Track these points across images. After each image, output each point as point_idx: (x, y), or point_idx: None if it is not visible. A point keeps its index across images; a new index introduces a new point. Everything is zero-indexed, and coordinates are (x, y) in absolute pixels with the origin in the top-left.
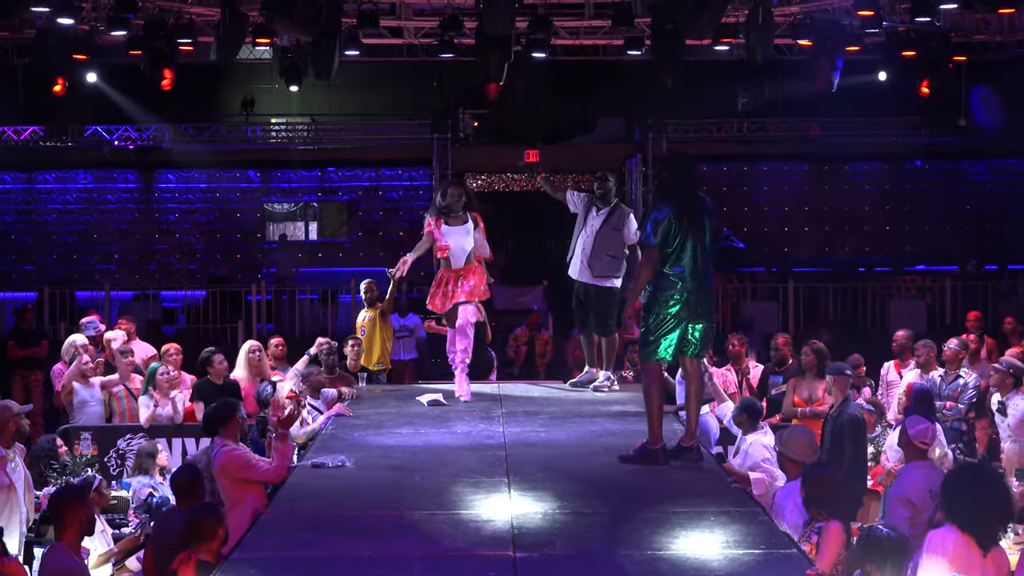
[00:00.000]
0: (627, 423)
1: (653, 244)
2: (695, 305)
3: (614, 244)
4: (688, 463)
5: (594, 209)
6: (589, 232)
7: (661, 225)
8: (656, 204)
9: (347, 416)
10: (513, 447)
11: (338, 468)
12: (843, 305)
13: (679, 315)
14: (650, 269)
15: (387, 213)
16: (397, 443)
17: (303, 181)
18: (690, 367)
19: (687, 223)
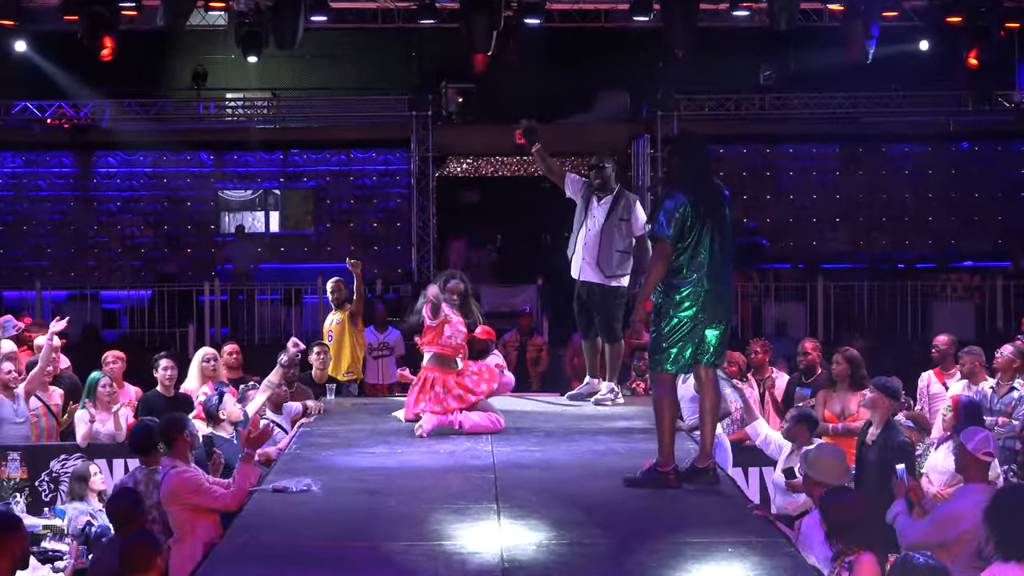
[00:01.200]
0: (634, 441)
1: (668, 236)
2: (712, 306)
3: (623, 238)
4: (703, 486)
5: (595, 199)
6: (593, 226)
7: (675, 215)
8: (668, 192)
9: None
10: (503, 469)
11: (303, 493)
12: (879, 307)
13: (695, 318)
14: (664, 265)
15: (359, 201)
16: (370, 464)
17: (263, 165)
18: (705, 377)
19: (703, 213)
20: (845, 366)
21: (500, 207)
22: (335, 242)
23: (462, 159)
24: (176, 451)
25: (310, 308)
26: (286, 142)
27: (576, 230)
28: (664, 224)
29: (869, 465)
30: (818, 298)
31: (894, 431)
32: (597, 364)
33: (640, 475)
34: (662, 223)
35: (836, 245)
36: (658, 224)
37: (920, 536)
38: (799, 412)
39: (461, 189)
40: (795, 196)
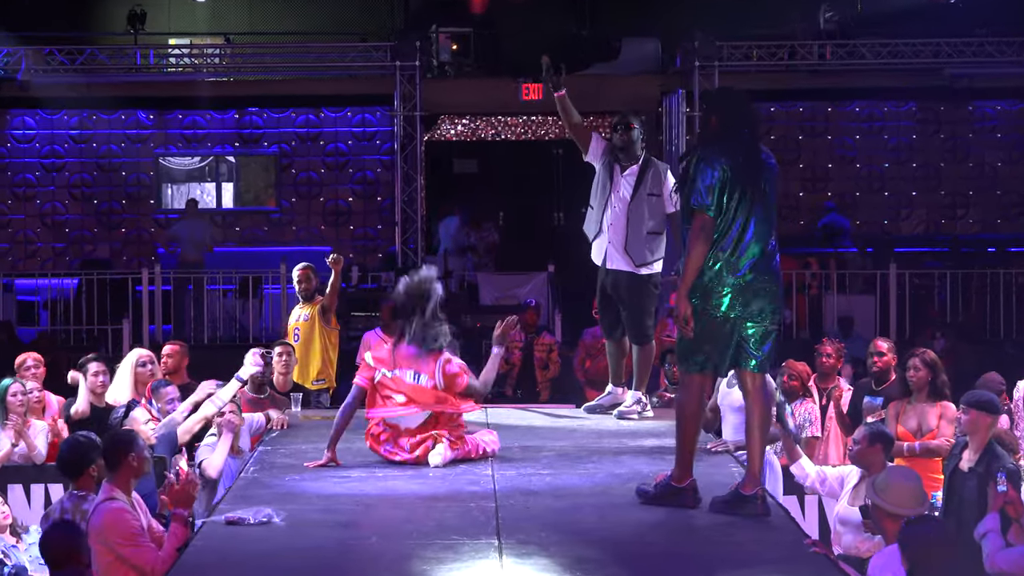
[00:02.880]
0: (664, 463)
1: (709, 206)
2: (753, 297)
3: (654, 215)
4: (749, 518)
5: (618, 168)
6: (620, 200)
7: (715, 182)
8: (705, 154)
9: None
10: (507, 497)
11: (262, 526)
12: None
13: (731, 310)
14: (707, 241)
15: (330, 171)
16: (345, 491)
17: (213, 126)
18: (752, 385)
19: (745, 184)
20: (924, 372)
21: (503, 178)
22: (302, 220)
23: (456, 119)
24: (118, 478)
25: (271, 301)
26: (242, 98)
27: (599, 206)
28: (703, 192)
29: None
30: (890, 289)
31: (996, 458)
32: (623, 370)
33: (653, 488)
34: (700, 191)
35: (912, 224)
36: (696, 193)
37: (1013, 566)
38: (872, 430)
39: (455, 156)
40: (862, 165)
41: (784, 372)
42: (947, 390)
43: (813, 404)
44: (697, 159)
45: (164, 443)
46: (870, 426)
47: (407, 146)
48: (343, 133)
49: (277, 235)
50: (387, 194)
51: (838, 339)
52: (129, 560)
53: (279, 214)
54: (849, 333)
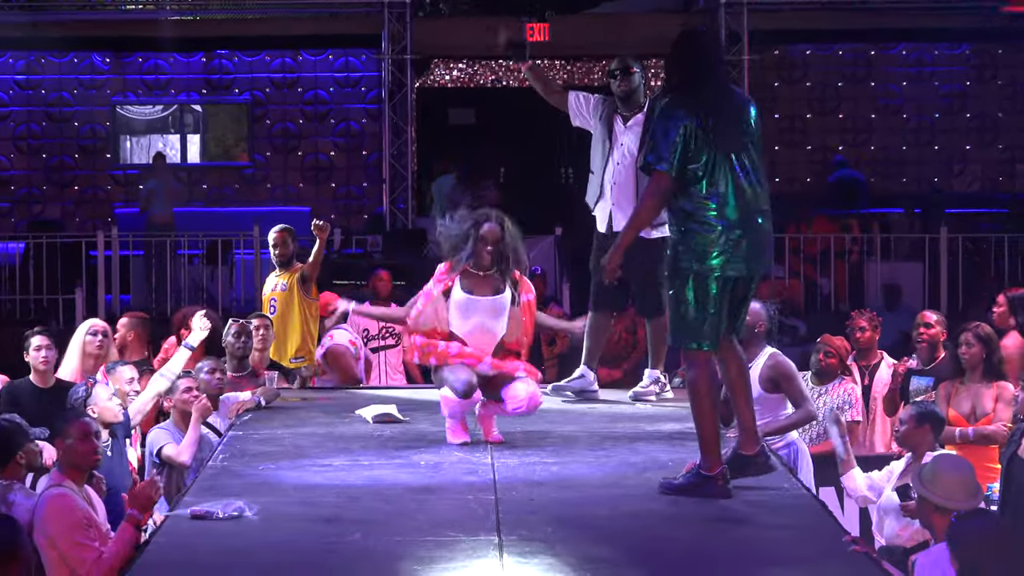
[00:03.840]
0: (685, 450)
1: (666, 166)
2: (747, 255)
3: None
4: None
5: (619, 120)
6: (623, 157)
7: (675, 138)
8: (668, 111)
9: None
10: (508, 488)
11: (233, 520)
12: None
13: (724, 269)
14: (658, 203)
15: (310, 122)
16: (326, 482)
17: (178, 71)
18: (727, 348)
19: (717, 132)
20: (978, 348)
21: (504, 130)
22: (277, 177)
23: (452, 63)
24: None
25: (243, 268)
26: (210, 40)
27: (600, 167)
28: (663, 150)
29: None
30: (941, 255)
31: None
32: (599, 349)
33: (680, 480)
34: (660, 149)
35: (966, 182)
36: (655, 151)
37: None
38: (920, 409)
39: (450, 105)
40: (909, 115)
41: (820, 349)
42: (1005, 369)
43: (853, 384)
44: (659, 114)
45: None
46: (918, 404)
47: (396, 93)
48: (324, 79)
49: (249, 194)
50: (373, 148)
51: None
52: (65, 557)
53: (252, 170)
54: (895, 304)
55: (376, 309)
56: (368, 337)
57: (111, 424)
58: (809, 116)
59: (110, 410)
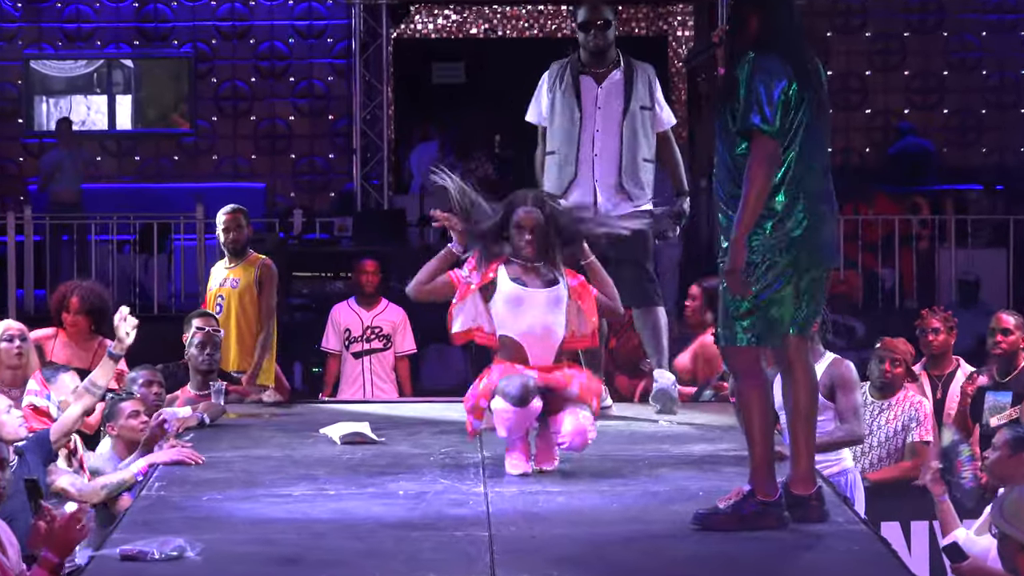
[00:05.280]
0: (720, 477)
1: (775, 129)
2: (818, 241)
3: (648, 136)
4: (812, 532)
5: (588, 81)
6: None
7: (779, 97)
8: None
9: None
10: (504, 523)
11: (171, 562)
12: None
13: (798, 262)
14: (771, 176)
15: (264, 79)
16: (285, 515)
17: (104, 18)
18: (795, 352)
19: (807, 99)
20: None
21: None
22: (225, 146)
23: (436, 9)
24: None
25: (184, 256)
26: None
27: (571, 143)
28: (767, 111)
29: None
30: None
31: None
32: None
33: (724, 510)
34: (764, 109)
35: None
36: (758, 111)
37: None
38: (1017, 434)
39: (435, 60)
40: (989, 71)
41: (883, 356)
42: None
43: (922, 397)
44: (753, 67)
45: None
46: (1015, 428)
47: (369, 46)
48: (281, 28)
49: (191, 167)
50: (341, 112)
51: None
52: None
53: (194, 138)
54: (972, 301)
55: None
56: (350, 339)
57: (12, 442)
58: (869, 73)
59: (10, 426)
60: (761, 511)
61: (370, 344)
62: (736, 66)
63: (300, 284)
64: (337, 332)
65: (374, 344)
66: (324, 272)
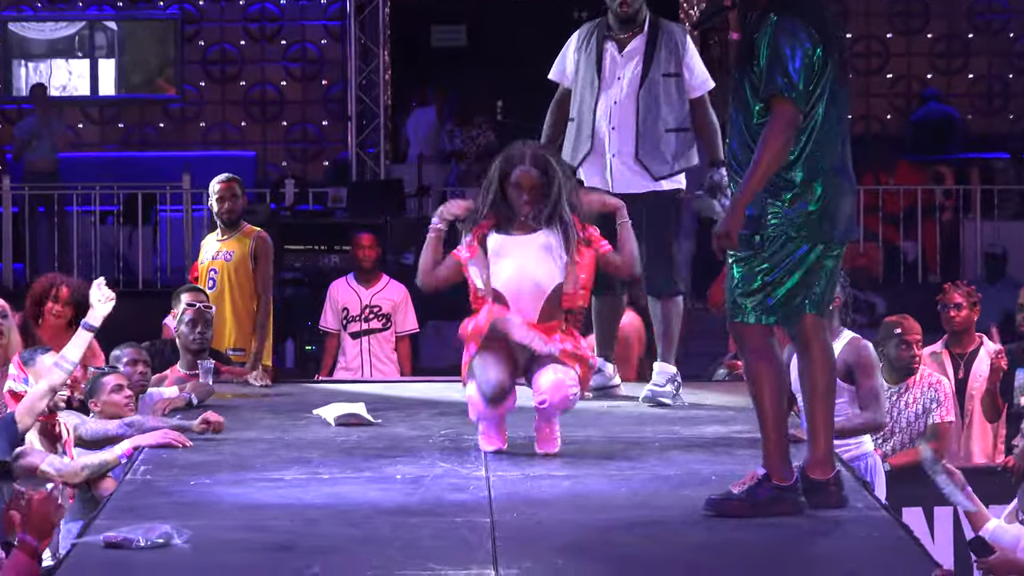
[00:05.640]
0: (733, 460)
1: (798, 94)
2: (838, 214)
3: (674, 105)
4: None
5: (612, 48)
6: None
7: (803, 59)
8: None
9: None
10: (507, 509)
11: (157, 550)
12: None
13: (815, 236)
14: (789, 144)
15: (254, 43)
16: (277, 500)
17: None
18: (812, 331)
19: (830, 62)
20: None
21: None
22: (213, 113)
23: None
24: None
25: (171, 228)
26: None
27: (588, 111)
28: (792, 74)
29: None
30: None
31: None
32: (614, 336)
33: (738, 494)
34: (788, 72)
35: None
36: (781, 74)
37: None
38: None
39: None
40: (1016, 34)
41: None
42: None
43: (942, 376)
44: (776, 29)
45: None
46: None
47: (365, 6)
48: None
49: (177, 134)
50: (336, 76)
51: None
52: None
53: (181, 104)
54: (999, 275)
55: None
56: (348, 318)
57: None
58: (890, 36)
59: None
60: (776, 496)
61: (368, 324)
62: (755, 30)
63: (292, 258)
64: (335, 310)
65: (372, 324)
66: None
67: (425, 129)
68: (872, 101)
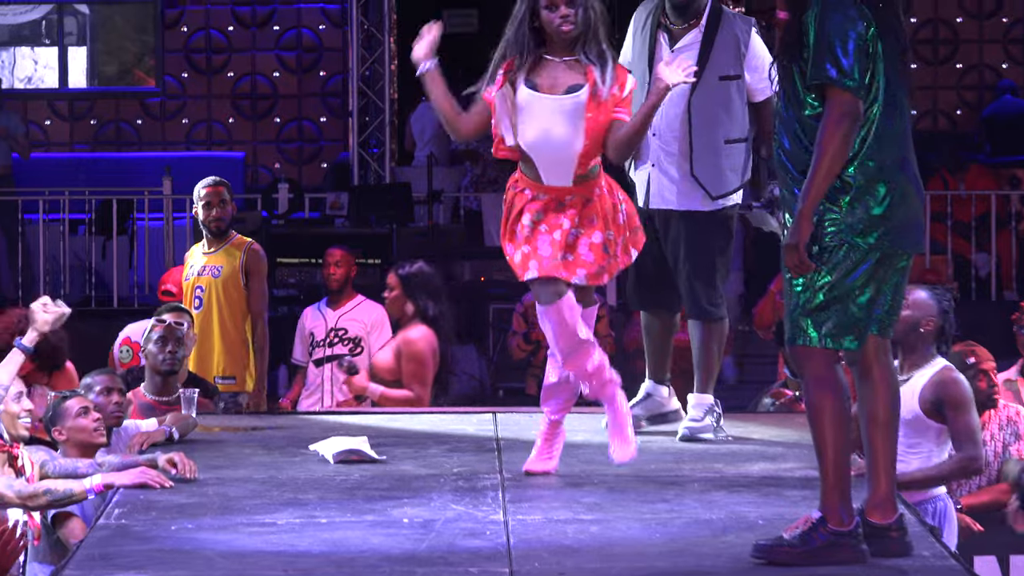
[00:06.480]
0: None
1: (855, 83)
2: (904, 221)
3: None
4: (893, 566)
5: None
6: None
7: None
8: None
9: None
10: (528, 557)
11: None
12: None
13: (881, 245)
14: (850, 138)
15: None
16: (268, 547)
17: None
18: (874, 354)
19: (888, 46)
20: None
21: None
22: (198, 109)
23: None
24: None
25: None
26: None
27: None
28: (843, 60)
29: None
30: None
31: None
32: (669, 356)
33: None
34: (839, 57)
35: None
36: (831, 60)
37: None
38: None
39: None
40: None
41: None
42: None
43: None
44: (823, 8)
45: None
46: None
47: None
48: None
49: (157, 132)
50: (335, 67)
51: None
52: None
53: (161, 98)
54: None
55: None
56: (313, 343)
57: None
58: (960, 21)
59: None
60: (834, 542)
61: (332, 349)
62: (803, 8)
63: (286, 272)
64: (303, 339)
65: (337, 349)
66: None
67: (432, 127)
68: (939, 94)
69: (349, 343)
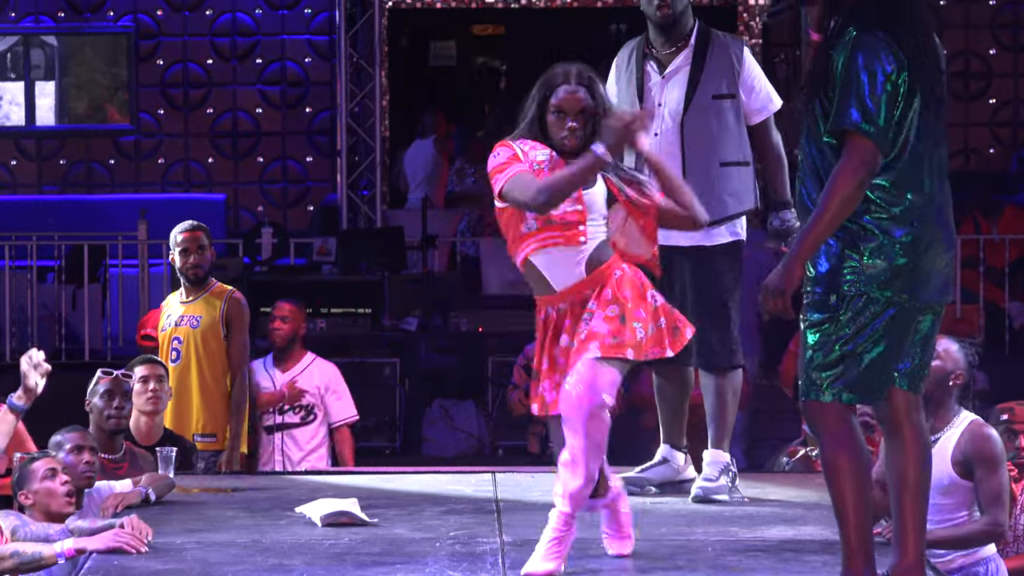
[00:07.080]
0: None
1: (876, 130)
2: (930, 270)
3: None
4: None
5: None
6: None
7: (884, 84)
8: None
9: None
10: None
11: None
12: None
13: (901, 293)
14: (863, 186)
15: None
16: None
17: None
18: (904, 411)
19: (922, 86)
20: None
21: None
22: (175, 148)
23: None
24: None
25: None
26: None
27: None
28: (869, 103)
29: None
30: None
31: None
32: (684, 419)
33: None
34: (863, 101)
35: None
36: (856, 103)
37: None
38: None
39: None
40: None
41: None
42: None
43: None
44: (853, 47)
45: None
46: None
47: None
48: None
49: (131, 173)
50: (323, 102)
51: None
52: None
53: (135, 136)
54: None
55: None
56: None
57: None
58: (993, 53)
59: None
60: None
61: (284, 417)
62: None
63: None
64: None
65: (288, 417)
66: None
67: (423, 166)
68: (971, 131)
69: (301, 411)
